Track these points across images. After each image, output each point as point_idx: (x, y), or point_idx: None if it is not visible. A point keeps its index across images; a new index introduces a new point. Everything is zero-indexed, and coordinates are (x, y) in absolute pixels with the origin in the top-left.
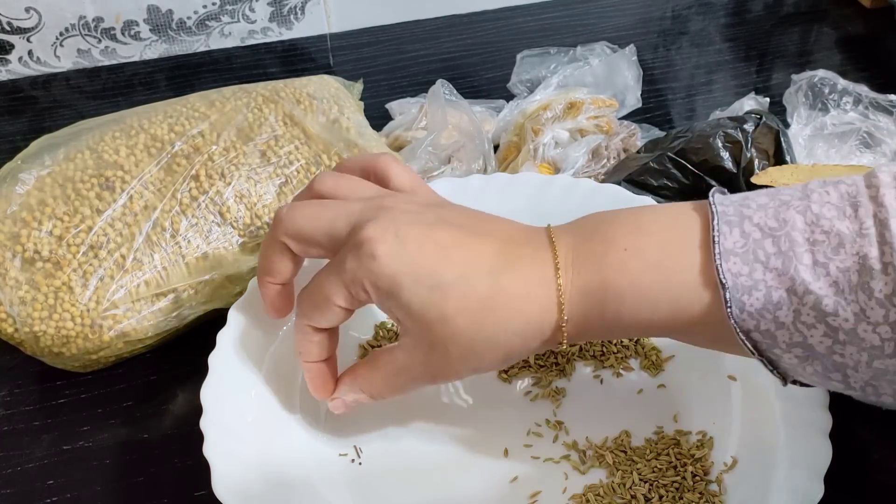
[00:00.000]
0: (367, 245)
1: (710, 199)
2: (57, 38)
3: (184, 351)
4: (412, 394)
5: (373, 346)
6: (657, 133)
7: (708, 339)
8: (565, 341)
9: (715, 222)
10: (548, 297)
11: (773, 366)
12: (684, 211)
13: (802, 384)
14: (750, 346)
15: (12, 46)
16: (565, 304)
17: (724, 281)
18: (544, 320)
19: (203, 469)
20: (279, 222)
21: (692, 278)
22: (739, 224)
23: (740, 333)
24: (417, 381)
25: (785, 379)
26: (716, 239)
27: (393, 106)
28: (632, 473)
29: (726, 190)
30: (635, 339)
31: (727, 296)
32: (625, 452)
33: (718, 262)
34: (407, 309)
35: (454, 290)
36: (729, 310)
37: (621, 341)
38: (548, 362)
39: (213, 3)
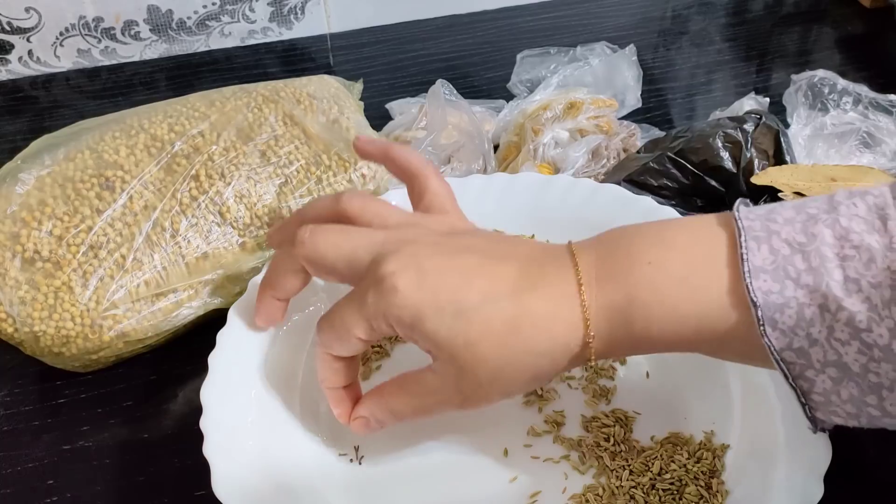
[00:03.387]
0: (388, 279)
1: (735, 213)
2: (57, 38)
3: (184, 351)
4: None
5: (373, 346)
6: (657, 133)
7: (737, 355)
8: (593, 358)
9: (742, 239)
10: (573, 314)
11: (805, 397)
12: (709, 225)
13: (828, 429)
14: (784, 368)
15: (12, 46)
16: (591, 320)
17: (755, 299)
18: (571, 338)
19: (203, 469)
20: (300, 245)
21: (720, 295)
22: (767, 240)
23: (774, 353)
24: (445, 405)
25: (815, 421)
26: (744, 256)
27: (393, 106)
28: (631, 474)
29: (749, 201)
30: None
31: (759, 314)
32: (624, 453)
33: (748, 280)
34: (433, 338)
35: (477, 316)
36: (762, 328)
37: None
38: None
39: (213, 3)
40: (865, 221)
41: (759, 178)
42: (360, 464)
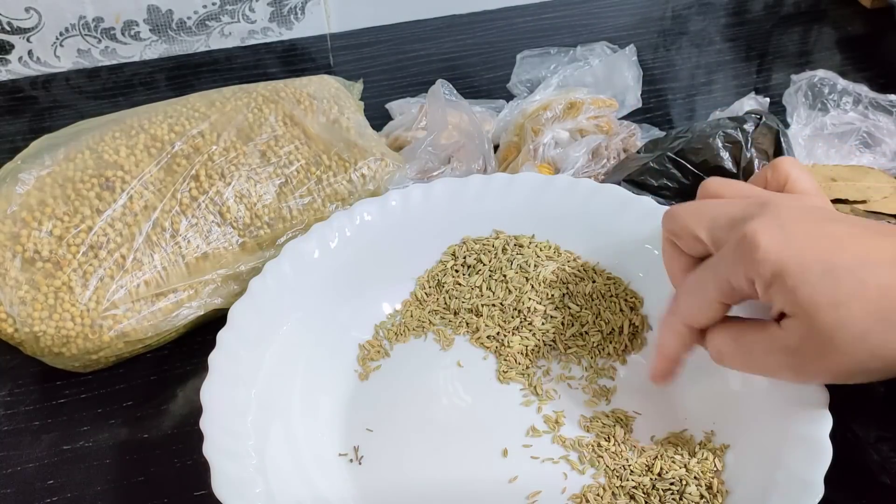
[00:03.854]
0: (749, 236)
1: None
2: (57, 38)
3: (184, 351)
4: (410, 394)
5: (373, 346)
6: (657, 133)
7: None
8: None
9: None
10: None
11: None
12: None
13: None
14: None
15: (12, 46)
16: None
17: None
18: None
19: (203, 469)
20: (665, 219)
21: None
22: None
23: None
24: (783, 364)
25: None
26: None
27: (393, 106)
28: (631, 474)
29: None
30: (630, 329)
31: None
32: (624, 453)
33: None
34: (792, 295)
35: (849, 277)
36: None
37: (620, 332)
38: (548, 362)
39: (213, 3)
40: None
41: None
42: (360, 464)
